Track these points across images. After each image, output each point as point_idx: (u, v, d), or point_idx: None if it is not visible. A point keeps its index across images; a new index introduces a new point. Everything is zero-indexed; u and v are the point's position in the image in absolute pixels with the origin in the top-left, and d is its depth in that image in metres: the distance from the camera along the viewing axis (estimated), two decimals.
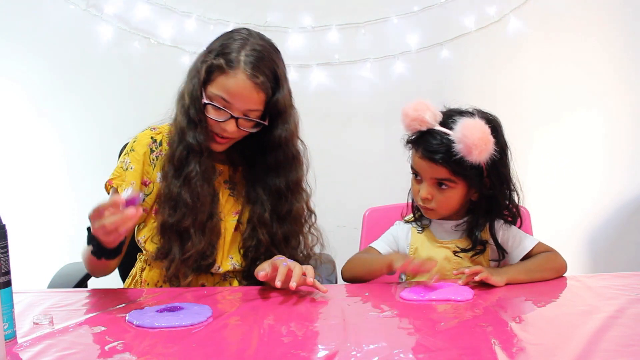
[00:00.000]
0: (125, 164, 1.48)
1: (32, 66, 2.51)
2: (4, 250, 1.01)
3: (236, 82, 1.35)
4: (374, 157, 2.54)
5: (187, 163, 1.42)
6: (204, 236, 1.42)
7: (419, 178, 1.43)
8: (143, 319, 1.11)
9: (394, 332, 1.07)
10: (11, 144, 2.54)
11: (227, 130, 1.39)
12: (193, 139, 1.41)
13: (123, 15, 2.49)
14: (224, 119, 1.38)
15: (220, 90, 1.37)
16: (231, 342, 1.02)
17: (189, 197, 1.40)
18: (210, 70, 1.38)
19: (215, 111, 1.39)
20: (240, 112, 1.38)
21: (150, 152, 1.48)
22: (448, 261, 1.46)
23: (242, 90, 1.36)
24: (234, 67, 1.35)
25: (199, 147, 1.41)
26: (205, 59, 1.40)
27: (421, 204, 1.44)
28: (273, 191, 1.48)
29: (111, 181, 1.46)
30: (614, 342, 0.97)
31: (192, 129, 1.41)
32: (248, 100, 1.37)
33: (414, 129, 1.42)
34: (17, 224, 1.40)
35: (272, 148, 1.46)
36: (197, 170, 1.41)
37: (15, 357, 0.96)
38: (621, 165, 2.60)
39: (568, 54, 2.53)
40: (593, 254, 2.64)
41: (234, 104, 1.37)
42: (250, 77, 1.35)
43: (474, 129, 1.32)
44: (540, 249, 1.45)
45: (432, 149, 1.37)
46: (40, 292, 1.39)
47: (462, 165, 1.35)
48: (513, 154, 1.45)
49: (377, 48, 2.51)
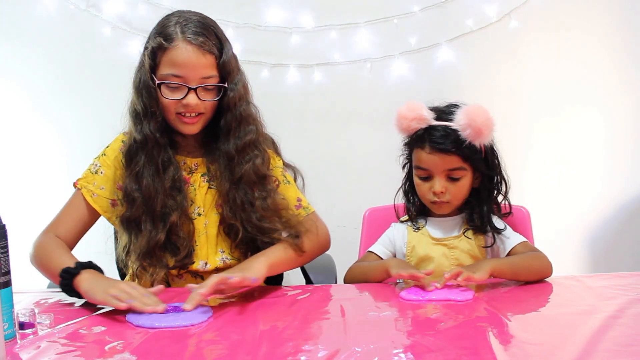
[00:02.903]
0: (94, 167, 1.48)
1: (32, 66, 2.51)
2: (4, 250, 1.01)
3: (180, 52, 1.35)
4: (374, 157, 2.54)
5: (136, 156, 1.41)
6: (162, 228, 1.39)
7: (427, 175, 1.44)
8: (143, 319, 1.11)
9: (394, 332, 1.07)
10: (11, 143, 2.54)
11: (190, 104, 1.37)
12: (139, 132, 1.40)
13: (123, 15, 2.49)
14: (183, 95, 1.37)
15: (169, 67, 1.36)
16: (231, 342, 1.02)
17: (137, 190, 1.40)
18: (153, 53, 1.37)
19: (171, 91, 1.38)
20: (196, 82, 1.37)
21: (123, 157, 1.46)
22: (446, 258, 1.47)
23: (189, 58, 1.35)
24: (174, 38, 1.35)
25: (144, 139, 1.39)
26: (146, 46, 1.40)
27: (435, 199, 1.44)
28: (226, 158, 1.44)
29: (77, 182, 1.47)
30: (614, 342, 0.97)
31: (139, 123, 1.40)
32: (198, 66, 1.36)
33: (413, 129, 1.44)
34: (17, 224, 1.40)
35: (223, 110, 1.43)
36: (143, 161, 1.40)
37: (15, 357, 0.96)
38: (621, 165, 2.60)
39: (568, 53, 2.53)
40: (593, 254, 2.64)
41: (186, 75, 1.36)
42: (193, 40, 1.35)
43: (477, 113, 1.37)
44: (526, 247, 1.45)
45: (441, 140, 1.40)
46: (40, 292, 1.39)
47: (472, 150, 1.40)
48: (513, 154, 1.47)
49: (377, 48, 2.51)
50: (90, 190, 1.45)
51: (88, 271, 1.26)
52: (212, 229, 1.47)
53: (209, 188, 1.49)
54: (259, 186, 1.45)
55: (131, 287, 1.20)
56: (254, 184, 1.44)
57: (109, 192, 1.46)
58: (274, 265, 1.37)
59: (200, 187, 1.49)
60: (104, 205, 1.46)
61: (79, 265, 1.27)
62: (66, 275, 1.25)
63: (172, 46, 1.35)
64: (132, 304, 1.15)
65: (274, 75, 2.51)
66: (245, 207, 1.43)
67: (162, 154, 1.42)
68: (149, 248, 1.39)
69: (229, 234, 1.47)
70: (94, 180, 1.46)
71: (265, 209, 1.43)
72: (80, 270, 1.25)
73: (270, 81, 2.49)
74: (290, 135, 1.54)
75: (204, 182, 1.49)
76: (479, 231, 1.47)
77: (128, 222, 1.41)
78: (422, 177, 1.46)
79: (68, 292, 1.27)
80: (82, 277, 1.24)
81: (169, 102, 1.38)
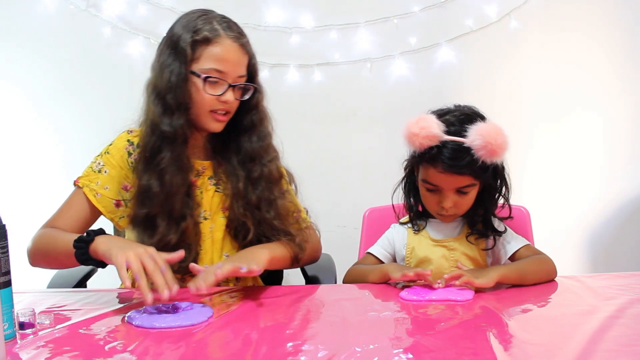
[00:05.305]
0: (97, 166, 1.44)
1: (31, 66, 2.51)
2: (4, 250, 1.01)
3: (226, 48, 1.36)
4: (374, 157, 2.54)
5: (159, 152, 1.37)
6: (175, 229, 1.37)
7: (437, 190, 1.41)
8: (143, 319, 1.11)
9: (394, 332, 1.07)
10: (11, 144, 2.54)
11: (229, 101, 1.38)
12: (168, 126, 1.36)
13: (123, 15, 2.49)
14: (223, 90, 1.37)
15: (212, 62, 1.36)
16: (231, 342, 1.02)
17: (158, 186, 1.36)
18: (194, 46, 1.36)
19: (212, 86, 1.37)
20: (233, 79, 1.38)
21: (128, 156, 1.44)
22: (445, 259, 1.47)
23: (232, 55, 1.37)
24: (220, 34, 1.36)
25: (173, 134, 1.36)
26: (181, 39, 1.36)
27: (443, 213, 1.43)
28: (246, 156, 1.45)
29: (78, 180, 1.44)
30: (614, 342, 0.97)
31: (167, 116, 1.37)
32: (238, 64, 1.38)
33: (425, 146, 1.36)
34: (17, 224, 1.40)
35: (248, 109, 1.45)
36: (169, 157, 1.37)
37: (15, 357, 0.96)
38: (620, 166, 2.60)
39: (568, 54, 2.53)
40: (593, 254, 2.64)
41: (228, 71, 1.37)
42: (235, 39, 1.37)
43: (494, 134, 1.32)
44: (530, 251, 1.45)
45: (453, 162, 1.35)
46: (40, 292, 1.39)
47: (484, 169, 1.36)
48: (513, 154, 1.45)
49: (377, 48, 2.52)
50: (93, 189, 1.42)
51: (103, 235, 1.26)
52: (217, 233, 1.47)
53: (216, 191, 1.48)
54: (277, 186, 1.47)
55: (148, 256, 1.17)
56: (274, 183, 1.46)
57: (113, 192, 1.43)
58: (274, 260, 1.37)
59: (207, 190, 1.48)
60: (107, 206, 1.44)
61: (91, 232, 1.26)
62: (81, 244, 1.24)
63: (219, 41, 1.36)
64: (138, 283, 1.13)
65: (274, 75, 2.51)
66: (261, 205, 1.44)
67: (186, 152, 1.41)
68: (157, 249, 1.37)
69: (237, 235, 1.46)
70: (97, 180, 1.43)
71: (281, 209, 1.46)
72: (94, 237, 1.24)
73: (270, 81, 2.49)
74: (290, 135, 1.53)
75: (210, 185, 1.48)
76: (481, 236, 1.46)
77: (143, 220, 1.38)
78: (430, 190, 1.43)
79: (85, 261, 1.25)
80: (98, 240, 1.23)
81: (208, 98, 1.37)
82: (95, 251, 1.23)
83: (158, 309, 1.16)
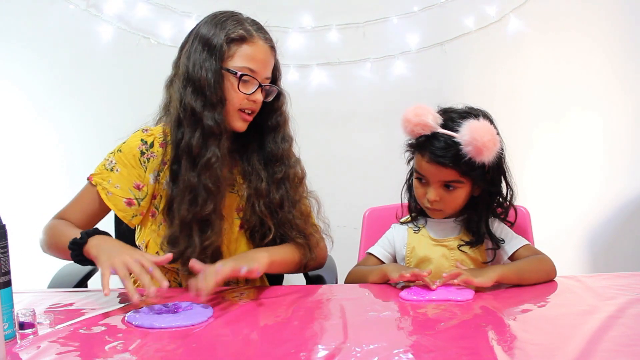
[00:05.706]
0: (109, 164, 1.44)
1: (32, 66, 2.51)
2: (4, 250, 1.02)
3: (258, 49, 1.39)
4: (374, 157, 2.54)
5: (205, 147, 1.35)
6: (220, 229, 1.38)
7: (424, 181, 1.43)
8: (143, 319, 1.11)
9: (394, 332, 1.07)
10: (11, 144, 2.54)
11: (258, 101, 1.40)
12: (211, 120, 1.34)
13: (123, 15, 2.49)
14: (254, 89, 1.38)
15: (246, 60, 1.38)
16: (231, 342, 1.03)
17: (211, 183, 1.35)
18: (229, 44, 1.37)
19: (244, 85, 1.38)
20: (261, 80, 1.40)
21: (141, 155, 1.43)
22: (446, 259, 1.47)
23: (264, 56, 1.40)
24: (252, 34, 1.39)
25: (218, 128, 1.36)
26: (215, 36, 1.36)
27: (428, 206, 1.44)
28: (270, 156, 1.46)
29: (92, 177, 1.44)
30: (614, 342, 0.97)
31: (209, 110, 1.35)
32: (269, 65, 1.41)
33: (417, 133, 1.41)
34: (17, 224, 1.40)
35: (272, 111, 1.47)
36: (218, 154, 1.35)
37: (15, 357, 0.96)
38: (621, 165, 2.60)
39: (568, 54, 2.53)
40: (593, 254, 2.64)
41: (259, 71, 1.39)
42: (266, 41, 1.41)
43: (482, 131, 1.33)
44: (530, 251, 1.45)
45: (440, 153, 1.37)
46: (40, 292, 1.39)
47: (470, 166, 1.36)
48: (512, 154, 1.46)
49: (377, 48, 2.51)
50: (105, 188, 1.42)
51: (95, 237, 1.26)
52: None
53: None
54: (300, 187, 1.49)
55: (134, 261, 1.18)
56: (297, 185, 1.48)
57: (124, 191, 1.43)
58: (274, 264, 1.37)
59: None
60: (118, 204, 1.43)
61: (84, 234, 1.27)
62: (74, 246, 1.27)
63: (253, 41, 1.38)
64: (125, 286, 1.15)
65: None
66: (283, 204, 1.45)
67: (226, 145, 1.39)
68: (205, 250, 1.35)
69: (253, 236, 1.47)
70: (109, 178, 1.43)
71: (304, 210, 1.48)
72: (87, 239, 1.26)
73: None
74: None
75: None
76: (476, 244, 1.45)
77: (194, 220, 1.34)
78: (420, 181, 1.45)
79: (82, 262, 1.27)
80: (90, 244, 1.25)
81: (240, 96, 1.38)
82: (88, 253, 1.25)
83: (158, 309, 1.16)
